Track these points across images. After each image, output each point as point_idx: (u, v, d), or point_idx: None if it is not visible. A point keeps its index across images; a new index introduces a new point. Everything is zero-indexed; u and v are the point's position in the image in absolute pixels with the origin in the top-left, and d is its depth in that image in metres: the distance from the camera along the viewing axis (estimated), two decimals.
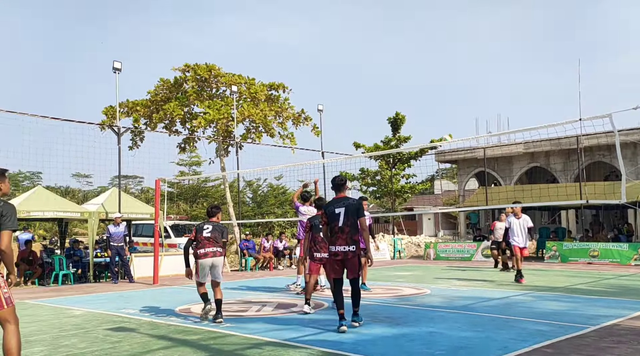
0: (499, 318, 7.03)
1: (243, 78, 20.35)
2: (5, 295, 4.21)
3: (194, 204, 41.33)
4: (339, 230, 6.26)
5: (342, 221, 6.24)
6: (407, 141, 25.72)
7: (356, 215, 6.31)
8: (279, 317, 7.41)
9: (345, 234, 6.23)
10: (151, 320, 7.29)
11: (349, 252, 6.24)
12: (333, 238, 6.29)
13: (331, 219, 6.33)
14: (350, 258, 6.25)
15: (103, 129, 16.62)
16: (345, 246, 6.23)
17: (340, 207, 6.32)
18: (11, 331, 4.19)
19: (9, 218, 4.32)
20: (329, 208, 6.40)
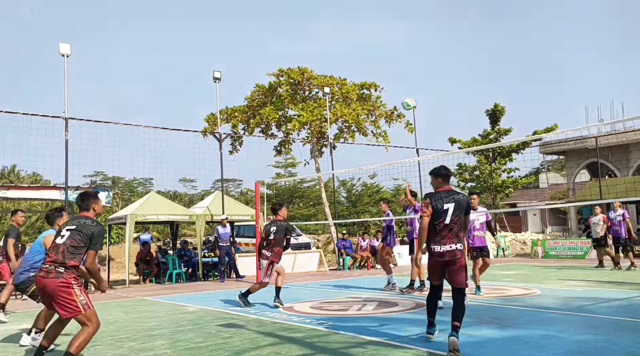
0: (622, 320, 6.47)
1: (335, 79, 20.57)
2: (82, 302, 4.64)
3: (290, 204, 42.48)
4: (444, 228, 5.42)
5: (450, 218, 5.44)
6: (508, 134, 24.49)
7: (464, 212, 5.56)
8: (380, 316, 7.38)
9: (452, 232, 5.44)
10: (258, 318, 7.60)
11: (457, 251, 5.39)
12: (437, 237, 5.44)
13: (437, 214, 5.47)
14: (458, 258, 5.39)
15: (205, 136, 17.61)
16: (452, 245, 5.40)
17: (450, 202, 5.50)
18: (85, 330, 4.62)
19: (97, 240, 4.80)
20: (438, 202, 5.50)
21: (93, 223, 4.86)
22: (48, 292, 4.61)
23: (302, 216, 37.29)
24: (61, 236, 4.79)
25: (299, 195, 42.39)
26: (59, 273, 4.62)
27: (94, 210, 5.07)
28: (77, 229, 4.78)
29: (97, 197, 5.20)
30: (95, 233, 4.78)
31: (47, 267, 4.67)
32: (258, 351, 5.39)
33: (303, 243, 19.75)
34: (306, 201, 41.83)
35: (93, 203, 5.08)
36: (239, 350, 5.47)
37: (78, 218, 4.97)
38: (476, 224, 9.58)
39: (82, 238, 4.74)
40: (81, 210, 5.08)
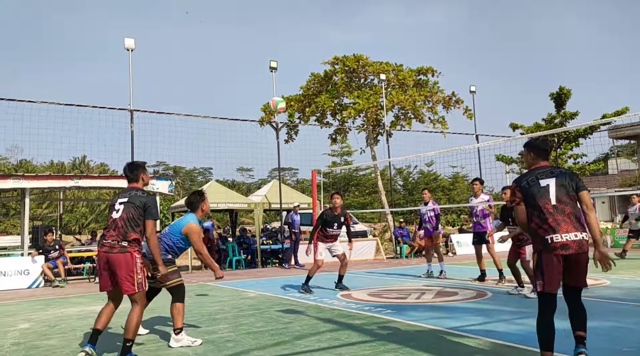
0: None
1: (391, 65, 20.28)
2: (139, 280, 4.61)
3: (346, 193, 42.51)
4: (554, 210, 3.94)
5: (555, 196, 3.96)
6: (575, 118, 23.30)
7: (575, 188, 4.02)
8: (440, 305, 7.28)
9: (567, 215, 3.93)
10: (316, 304, 7.69)
11: (584, 241, 3.90)
12: (548, 225, 3.92)
13: (535, 196, 4.02)
14: (585, 253, 3.92)
15: (262, 125, 17.89)
16: (577, 233, 3.88)
17: (548, 177, 4.05)
18: (134, 310, 4.64)
19: (151, 209, 4.69)
20: (529, 178, 4.11)
21: (144, 194, 4.77)
22: (112, 267, 4.60)
23: (358, 204, 37.27)
24: (116, 211, 4.73)
25: (355, 183, 42.36)
26: (123, 247, 4.59)
27: (142, 180, 4.95)
28: (129, 201, 4.70)
29: (145, 167, 5.03)
30: (147, 202, 4.68)
31: (110, 242, 4.64)
32: (318, 337, 5.45)
33: (360, 231, 19.74)
34: (362, 190, 41.74)
35: (142, 173, 4.95)
36: (299, 335, 5.57)
37: (128, 190, 4.86)
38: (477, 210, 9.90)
39: (137, 210, 4.66)
40: (130, 181, 4.96)
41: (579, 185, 4.04)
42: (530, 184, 4.08)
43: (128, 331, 4.61)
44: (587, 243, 3.94)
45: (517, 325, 5.79)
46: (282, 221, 18.11)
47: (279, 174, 17.56)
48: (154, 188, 14.76)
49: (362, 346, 4.99)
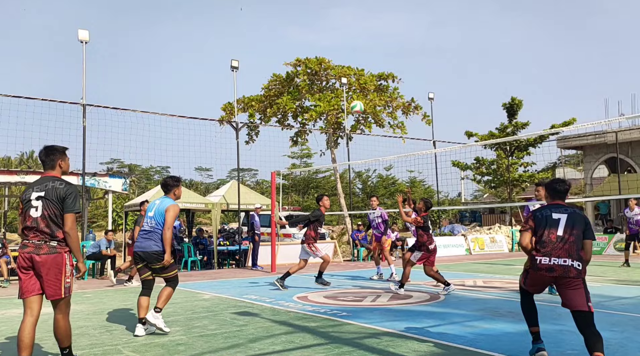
0: (638, 317, 6.38)
1: (352, 69, 20.46)
2: (67, 284, 4.19)
3: (305, 195, 42.56)
4: (557, 239, 4.56)
5: (563, 229, 4.58)
6: (525, 127, 24.18)
7: (583, 228, 4.61)
8: (394, 308, 7.39)
9: (568, 244, 4.51)
10: (272, 306, 7.65)
11: (572, 268, 4.40)
12: (546, 249, 4.54)
13: (546, 224, 4.62)
14: (573, 277, 4.40)
15: (222, 125, 17.68)
16: (567, 259, 4.44)
17: (562, 213, 4.68)
18: (62, 318, 4.24)
19: (72, 200, 4.17)
20: (544, 211, 4.74)
21: (61, 185, 4.22)
22: (38, 270, 4.11)
23: (317, 206, 37.34)
24: (34, 208, 4.17)
25: (314, 186, 42.45)
26: (52, 247, 4.13)
27: (60, 168, 4.38)
28: (46, 196, 4.16)
29: (65, 153, 4.43)
30: (66, 194, 4.17)
31: (36, 242, 4.13)
32: (272, 340, 5.43)
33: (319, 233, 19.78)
34: (321, 192, 41.86)
35: (59, 159, 4.37)
36: (253, 338, 5.52)
37: (44, 180, 4.28)
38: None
39: (57, 206, 4.15)
40: (45, 168, 4.36)
41: (587, 232, 4.62)
42: (545, 214, 4.68)
43: (63, 340, 4.28)
44: (576, 270, 4.40)
45: (468, 327, 5.94)
46: (240, 222, 17.94)
47: (238, 175, 17.40)
48: (106, 186, 14.37)
49: (316, 349, 5.00)
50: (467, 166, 25.19)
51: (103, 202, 29.74)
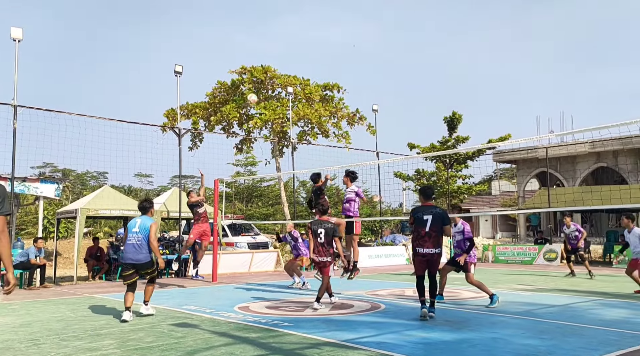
0: (566, 325, 6.74)
1: (298, 79, 20.57)
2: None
3: (249, 203, 42.16)
4: (425, 234, 7.11)
5: (429, 226, 7.08)
6: (465, 141, 25.12)
7: (441, 223, 7.15)
8: (335, 318, 7.42)
9: (432, 238, 7.09)
10: (212, 317, 7.49)
11: (435, 254, 7.14)
12: (420, 241, 7.15)
13: (418, 223, 7.20)
14: (436, 259, 7.16)
15: (164, 131, 17.25)
16: (433, 249, 7.09)
17: (428, 214, 7.17)
18: None
19: (0, 201, 3.71)
20: (417, 214, 7.24)
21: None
22: None
23: (261, 215, 37.06)
24: None
25: (258, 194, 42.14)
26: None
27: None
28: None
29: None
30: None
31: None
32: (211, 352, 5.31)
33: (261, 242, 19.63)
34: (265, 200, 41.60)
35: None
36: (192, 350, 5.38)
37: None
38: None
39: None
40: None
41: (445, 222, 7.24)
42: (418, 217, 7.24)
43: None
44: (437, 254, 7.19)
45: (407, 336, 6.05)
46: (181, 230, 17.50)
47: (180, 182, 17.00)
48: (37, 192, 13.62)
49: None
50: (408, 177, 25.83)
51: (33, 208, 28.19)
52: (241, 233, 19.97)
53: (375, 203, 10.46)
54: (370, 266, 17.85)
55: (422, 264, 7.23)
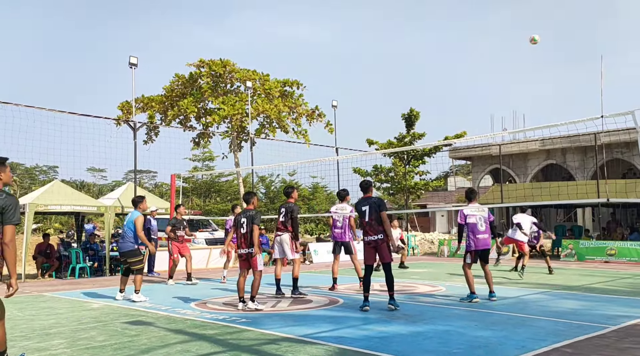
0: (516, 316, 6.97)
1: (258, 74, 20.39)
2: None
3: (207, 199, 41.57)
4: (366, 224, 7.54)
5: (368, 216, 7.50)
6: (422, 138, 25.53)
7: (378, 210, 7.52)
8: (294, 313, 7.42)
9: (372, 226, 7.49)
10: (168, 314, 7.35)
11: (379, 240, 7.46)
12: (364, 230, 7.61)
13: (360, 215, 7.65)
14: (381, 244, 7.47)
15: (119, 124, 16.77)
16: (375, 235, 7.48)
17: (365, 205, 7.60)
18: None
19: (12, 212, 4.12)
20: (358, 207, 7.75)
21: (1, 195, 4.18)
22: None
23: (219, 210, 36.62)
24: None
25: (217, 189, 41.60)
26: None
27: (0, 179, 4.36)
28: None
29: (4, 163, 4.42)
30: (6, 205, 4.10)
31: None
32: (167, 350, 5.21)
33: (219, 238, 19.40)
34: (223, 196, 41.13)
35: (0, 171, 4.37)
36: (146, 348, 5.26)
37: None
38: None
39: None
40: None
41: (381, 209, 7.58)
42: (359, 209, 7.73)
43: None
44: (381, 239, 7.50)
45: (365, 330, 6.12)
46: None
47: (135, 177, 16.58)
48: None
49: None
50: (367, 173, 26.07)
51: None
52: (199, 228, 19.68)
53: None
54: (328, 261, 17.92)
55: (370, 252, 7.58)
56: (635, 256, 16.00)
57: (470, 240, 8.35)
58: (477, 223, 8.27)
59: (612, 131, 21.43)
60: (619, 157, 23.86)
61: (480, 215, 8.35)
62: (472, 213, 8.38)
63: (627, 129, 17.52)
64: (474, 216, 8.34)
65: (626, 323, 6.35)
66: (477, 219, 8.29)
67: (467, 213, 8.38)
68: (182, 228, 12.05)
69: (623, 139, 22.22)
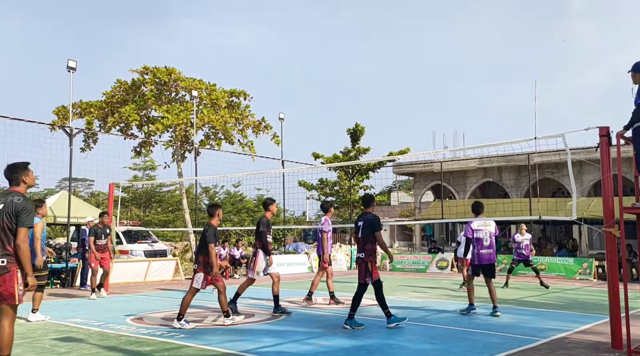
0: (454, 330, 7.15)
1: (204, 83, 20.08)
2: (20, 292, 4.42)
3: (147, 209, 40.31)
4: (358, 240, 7.46)
5: (360, 232, 7.34)
6: (367, 153, 25.97)
7: (371, 228, 7.27)
8: (236, 328, 7.27)
9: (360, 243, 7.35)
10: (101, 330, 7.01)
11: (358, 258, 7.34)
12: (358, 246, 7.52)
13: (356, 230, 7.51)
14: (359, 264, 7.32)
15: (54, 129, 15.99)
16: (360, 253, 7.32)
17: (361, 220, 7.40)
18: (4, 324, 4.38)
19: (26, 215, 4.44)
20: (356, 221, 7.53)
21: (20, 200, 4.49)
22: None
23: (160, 221, 35.56)
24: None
25: (157, 200, 40.41)
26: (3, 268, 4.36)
27: (24, 183, 4.67)
28: (3, 209, 4.44)
29: (27, 168, 4.74)
30: (22, 208, 4.44)
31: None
32: None
33: (159, 250, 18.78)
34: (165, 207, 40.00)
35: (23, 175, 4.65)
36: None
37: (7, 194, 4.55)
38: None
39: (10, 218, 4.40)
40: (11, 185, 4.65)
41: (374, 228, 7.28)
42: (355, 223, 7.52)
43: (4, 348, 4.38)
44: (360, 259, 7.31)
45: (308, 345, 6.07)
46: (69, 237, 16.28)
47: (70, 185, 15.81)
48: None
49: None
50: (312, 186, 26.17)
51: None
52: (137, 240, 18.98)
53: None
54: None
55: (359, 270, 7.33)
56: (563, 271, 16.87)
57: (473, 254, 8.34)
58: (483, 238, 8.28)
59: (544, 152, 22.71)
60: (550, 177, 25.22)
61: (487, 230, 8.34)
62: (480, 227, 8.34)
63: (558, 150, 18.58)
64: (481, 230, 8.31)
65: (556, 336, 6.66)
66: (483, 234, 8.30)
67: (475, 227, 8.32)
68: (104, 237, 11.27)
69: (553, 160, 23.55)
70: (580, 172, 24.35)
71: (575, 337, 6.60)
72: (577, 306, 9.91)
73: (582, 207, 17.86)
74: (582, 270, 16.62)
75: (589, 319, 8.03)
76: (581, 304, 10.22)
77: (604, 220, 5.94)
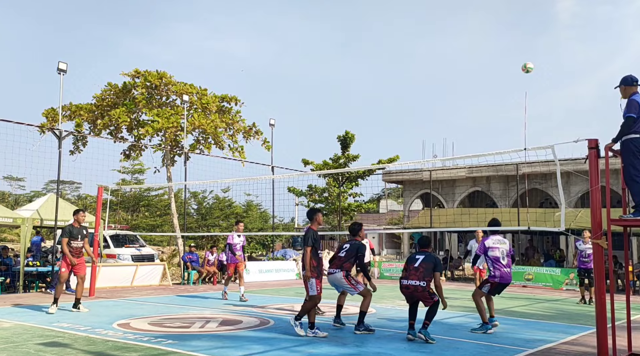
0: (442, 339, 7.16)
1: (195, 88, 20.06)
2: None
3: (135, 213, 40.01)
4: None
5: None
6: (356, 160, 26.03)
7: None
8: (223, 334, 7.22)
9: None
10: (87, 335, 6.93)
11: (419, 286, 7.23)
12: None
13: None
14: (419, 291, 7.23)
15: (43, 132, 15.87)
16: (416, 281, 7.26)
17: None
18: None
19: None
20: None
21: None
22: None
23: (147, 225, 35.28)
24: None
25: (146, 204, 40.12)
26: None
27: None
28: None
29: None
30: None
31: None
32: None
33: (146, 254, 18.64)
34: (153, 211, 39.72)
35: None
36: None
37: None
38: None
39: None
40: None
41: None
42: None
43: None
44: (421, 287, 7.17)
45: (296, 352, 6.05)
46: (56, 240, 16.10)
47: (58, 188, 15.66)
48: None
49: None
50: (302, 193, 26.15)
51: None
52: (125, 244, 18.83)
53: None
54: (260, 280, 17.71)
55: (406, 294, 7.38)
56: (550, 282, 16.99)
57: (495, 271, 7.92)
58: (500, 256, 7.91)
59: (533, 163, 22.92)
60: (537, 187, 25.44)
61: (503, 249, 8.00)
62: (495, 245, 8.02)
63: (546, 161, 18.77)
64: (497, 249, 7.97)
65: (543, 346, 6.70)
66: (499, 252, 7.93)
67: (490, 245, 8.04)
68: (80, 238, 9.63)
69: (542, 170, 23.77)
70: (568, 183, 24.60)
71: (562, 348, 6.65)
72: (563, 316, 9.98)
73: (569, 218, 18.03)
74: (569, 281, 16.75)
75: (576, 329, 8.10)
76: (568, 314, 10.30)
77: (591, 231, 6.00)
